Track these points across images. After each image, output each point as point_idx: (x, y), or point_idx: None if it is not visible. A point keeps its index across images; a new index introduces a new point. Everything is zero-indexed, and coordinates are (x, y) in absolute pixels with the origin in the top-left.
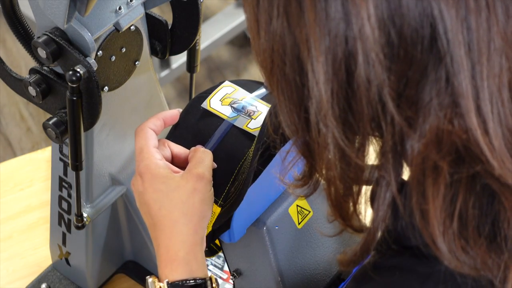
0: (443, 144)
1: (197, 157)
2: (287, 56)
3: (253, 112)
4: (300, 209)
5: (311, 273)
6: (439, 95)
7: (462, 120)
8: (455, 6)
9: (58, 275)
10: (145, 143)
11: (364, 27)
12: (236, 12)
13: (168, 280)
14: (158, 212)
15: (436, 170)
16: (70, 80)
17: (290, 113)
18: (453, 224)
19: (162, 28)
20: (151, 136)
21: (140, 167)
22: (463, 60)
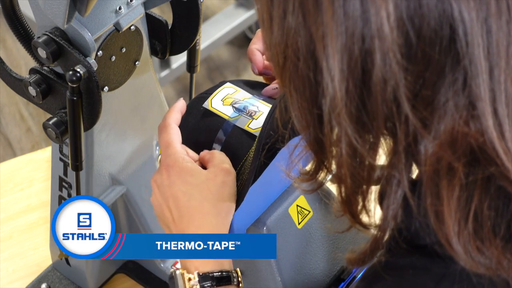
0: (458, 146)
1: (218, 156)
2: (302, 52)
3: (254, 112)
4: (300, 209)
5: (311, 273)
6: (455, 97)
7: (478, 122)
8: (476, 8)
9: (58, 275)
10: (171, 138)
11: (383, 26)
12: (236, 12)
13: (199, 271)
14: (187, 203)
15: (451, 171)
16: (70, 80)
17: (302, 109)
18: (468, 225)
19: (162, 28)
20: (177, 131)
21: (167, 160)
22: (481, 62)
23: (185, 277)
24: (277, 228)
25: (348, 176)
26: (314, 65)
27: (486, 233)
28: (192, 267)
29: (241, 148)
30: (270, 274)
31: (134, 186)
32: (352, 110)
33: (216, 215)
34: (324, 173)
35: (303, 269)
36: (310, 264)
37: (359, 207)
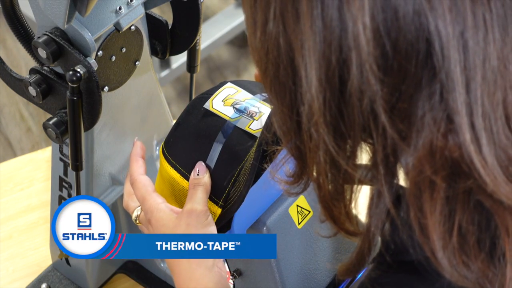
0: (436, 159)
1: (189, 194)
2: (281, 60)
3: (255, 113)
4: (300, 209)
5: (311, 273)
6: (432, 110)
7: (455, 135)
8: (452, 22)
9: (58, 275)
10: (144, 190)
11: (359, 37)
12: (236, 12)
13: None
14: None
15: (432, 185)
16: (70, 80)
17: (282, 115)
18: (452, 239)
19: (162, 28)
20: (147, 181)
21: (146, 214)
22: (458, 77)
23: None
24: (277, 228)
25: (326, 183)
26: (293, 72)
27: (472, 247)
28: None
29: (242, 149)
30: (270, 274)
31: None
32: (330, 118)
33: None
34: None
35: (303, 269)
36: (310, 264)
37: (342, 213)
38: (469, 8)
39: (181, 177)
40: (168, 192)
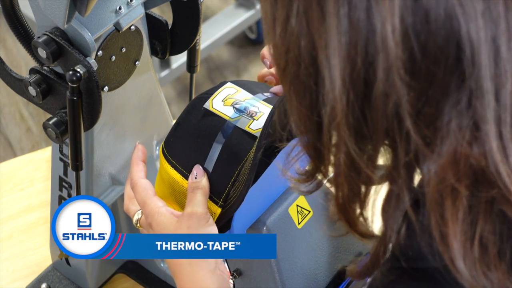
0: (460, 167)
1: (189, 197)
2: (303, 59)
3: (255, 113)
4: (300, 209)
5: (311, 273)
6: (459, 117)
7: (481, 144)
8: (485, 28)
9: (58, 275)
10: (145, 194)
11: (387, 40)
12: (236, 12)
13: None
14: None
15: (455, 193)
16: (70, 80)
17: (301, 114)
18: (474, 248)
19: (162, 28)
20: (147, 185)
21: (147, 217)
22: (488, 83)
23: None
24: (277, 228)
25: (345, 184)
26: (315, 72)
27: (492, 258)
28: None
29: (242, 149)
30: (270, 274)
31: None
32: (352, 121)
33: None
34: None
35: (303, 269)
36: (310, 264)
37: (356, 214)
38: (502, 13)
39: (181, 177)
40: (168, 192)
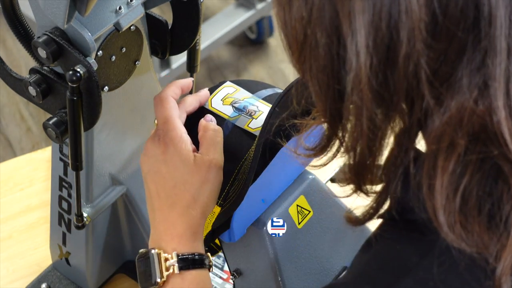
0: (463, 123)
1: (208, 138)
2: (325, 28)
3: (254, 111)
4: (300, 209)
5: (311, 273)
6: (471, 75)
7: (488, 101)
8: None
9: (58, 275)
10: (170, 113)
11: (411, 4)
12: (236, 12)
13: (177, 252)
14: (171, 189)
15: (452, 147)
16: (70, 80)
17: (322, 83)
18: (456, 199)
19: (162, 28)
20: (175, 106)
21: (165, 137)
22: (502, 43)
23: (161, 257)
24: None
25: (364, 147)
26: (338, 40)
27: (471, 209)
28: (169, 248)
29: (241, 148)
30: (270, 274)
31: (134, 186)
32: (375, 85)
33: (196, 208)
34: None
35: (303, 269)
36: (310, 264)
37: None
38: None
39: None
40: None
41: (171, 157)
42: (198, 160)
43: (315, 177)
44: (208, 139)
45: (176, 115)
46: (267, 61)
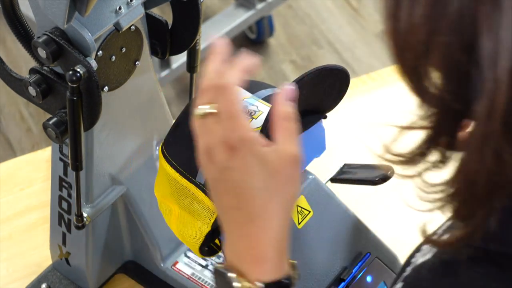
0: None
1: (285, 128)
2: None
3: (254, 111)
4: (300, 209)
5: (311, 273)
6: None
7: None
8: None
9: (58, 275)
10: (236, 108)
11: None
12: (236, 12)
13: (262, 281)
14: (251, 200)
15: None
16: (70, 80)
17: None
18: None
19: (162, 28)
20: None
21: (232, 138)
22: None
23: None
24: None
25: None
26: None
27: None
28: (252, 275)
29: None
30: None
31: (134, 186)
32: None
33: (282, 218)
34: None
35: (303, 269)
36: (310, 264)
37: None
38: None
39: (180, 176)
40: (168, 192)
41: (244, 161)
42: (278, 156)
43: (315, 177)
44: (285, 128)
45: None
46: (267, 61)
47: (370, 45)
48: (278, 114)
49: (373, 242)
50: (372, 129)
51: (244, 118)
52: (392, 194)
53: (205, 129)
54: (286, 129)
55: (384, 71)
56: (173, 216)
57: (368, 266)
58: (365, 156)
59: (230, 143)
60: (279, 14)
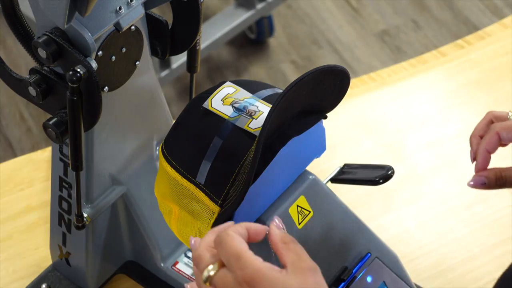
0: None
1: (290, 248)
2: None
3: (254, 112)
4: (300, 209)
5: None
6: None
7: None
8: None
9: (58, 275)
10: (240, 248)
11: None
12: (236, 12)
13: None
14: None
15: None
16: (70, 80)
17: None
18: None
19: (162, 28)
20: (242, 240)
21: (246, 274)
22: None
23: None
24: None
25: None
26: None
27: None
28: None
29: (241, 148)
30: None
31: (134, 186)
32: None
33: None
34: None
35: None
36: None
37: None
38: None
39: (180, 176)
40: (168, 192)
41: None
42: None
43: (315, 177)
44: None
45: (246, 248)
46: (267, 61)
47: (370, 45)
48: (277, 239)
49: (373, 242)
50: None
51: (250, 253)
52: (392, 194)
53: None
54: (291, 250)
55: (384, 71)
56: (173, 216)
57: (368, 266)
58: (365, 156)
59: (246, 281)
60: (279, 14)
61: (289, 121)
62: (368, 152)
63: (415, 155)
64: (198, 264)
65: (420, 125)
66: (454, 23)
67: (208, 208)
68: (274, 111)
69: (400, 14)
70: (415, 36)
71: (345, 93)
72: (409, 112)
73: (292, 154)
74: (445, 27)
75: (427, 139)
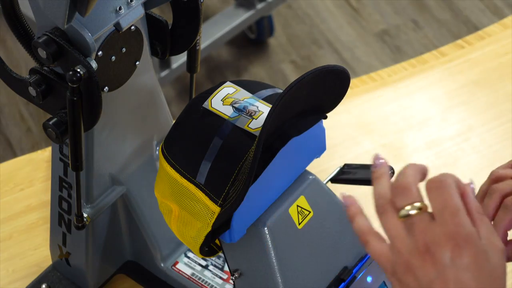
0: None
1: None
2: None
3: (254, 112)
4: (300, 209)
5: (311, 273)
6: None
7: None
8: None
9: (58, 275)
10: (458, 203)
11: None
12: (236, 12)
13: None
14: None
15: None
16: (70, 81)
17: None
18: None
19: (162, 28)
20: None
21: (459, 235)
22: None
23: None
24: (277, 228)
25: None
26: None
27: None
28: None
29: (241, 148)
30: (270, 274)
31: (134, 186)
32: None
33: None
34: None
35: (303, 269)
36: (310, 264)
37: None
38: None
39: (180, 176)
40: (168, 192)
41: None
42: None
43: (315, 177)
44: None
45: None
46: (267, 61)
47: (370, 45)
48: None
49: None
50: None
51: (466, 213)
52: None
53: (416, 229)
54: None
55: (384, 71)
56: (173, 216)
57: (368, 267)
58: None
59: (457, 241)
60: (279, 14)
61: (289, 121)
62: (368, 152)
63: (415, 155)
64: (402, 194)
65: (419, 125)
66: (454, 23)
67: (208, 208)
68: (274, 111)
69: (400, 14)
70: (415, 36)
71: (345, 93)
72: (409, 112)
73: (292, 154)
74: (445, 27)
75: (427, 139)
